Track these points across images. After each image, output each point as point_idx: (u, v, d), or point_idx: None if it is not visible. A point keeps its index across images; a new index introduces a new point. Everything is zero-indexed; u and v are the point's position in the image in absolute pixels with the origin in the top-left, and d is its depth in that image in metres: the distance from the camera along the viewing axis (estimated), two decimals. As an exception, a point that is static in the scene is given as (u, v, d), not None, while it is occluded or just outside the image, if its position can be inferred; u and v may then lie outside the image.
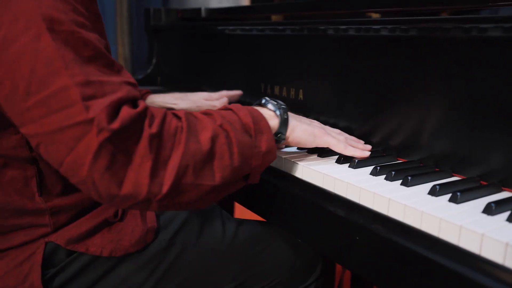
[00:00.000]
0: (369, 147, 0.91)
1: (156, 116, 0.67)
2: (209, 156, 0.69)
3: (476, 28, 0.77)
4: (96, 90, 0.62)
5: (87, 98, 0.61)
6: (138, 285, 0.84)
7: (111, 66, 0.67)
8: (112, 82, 0.65)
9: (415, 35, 0.87)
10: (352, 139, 0.93)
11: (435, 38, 0.84)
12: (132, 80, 0.69)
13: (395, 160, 0.90)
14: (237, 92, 1.34)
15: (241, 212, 1.77)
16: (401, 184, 0.75)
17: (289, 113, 0.84)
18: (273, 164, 0.92)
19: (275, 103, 0.83)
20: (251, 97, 1.30)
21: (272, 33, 1.25)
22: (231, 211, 1.92)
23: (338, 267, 1.56)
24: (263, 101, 0.85)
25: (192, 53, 1.67)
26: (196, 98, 1.26)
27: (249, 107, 0.79)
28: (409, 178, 0.75)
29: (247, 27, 1.35)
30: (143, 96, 1.24)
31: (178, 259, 0.87)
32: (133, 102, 0.66)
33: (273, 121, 0.81)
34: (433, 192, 0.71)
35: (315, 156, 0.92)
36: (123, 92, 0.64)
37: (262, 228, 0.99)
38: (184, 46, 1.72)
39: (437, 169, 0.83)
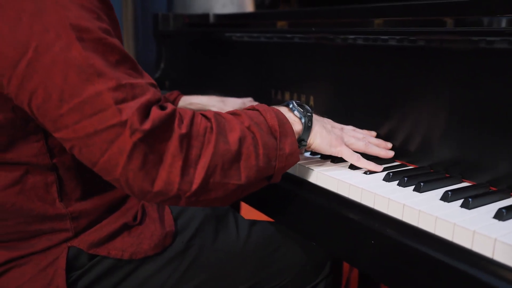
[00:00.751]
0: (391, 153, 0.94)
1: (185, 117, 0.70)
2: (237, 156, 0.73)
3: (483, 40, 0.80)
4: (127, 93, 0.66)
5: (119, 102, 0.65)
6: (158, 286, 0.86)
7: (136, 68, 0.71)
8: (140, 84, 0.68)
9: (423, 45, 0.90)
10: (375, 142, 0.95)
11: (443, 48, 0.87)
12: (153, 81, 0.73)
13: (405, 165, 0.93)
14: None
15: (247, 211, 1.79)
16: (414, 190, 0.78)
17: (314, 117, 0.87)
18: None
19: (302, 110, 0.86)
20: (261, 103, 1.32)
21: (280, 40, 1.28)
22: (237, 210, 1.95)
23: (345, 265, 1.59)
24: (291, 105, 0.87)
25: (200, 58, 1.69)
26: (233, 104, 1.26)
27: (275, 109, 0.83)
28: (422, 184, 0.78)
29: (254, 35, 1.37)
30: (176, 99, 1.25)
31: (195, 261, 0.90)
32: (159, 103, 0.69)
33: (297, 127, 0.84)
34: (445, 198, 0.73)
35: (328, 162, 0.94)
36: (151, 93, 0.68)
37: (274, 229, 1.02)
38: (192, 51, 1.74)
39: (447, 175, 0.85)
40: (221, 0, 2.82)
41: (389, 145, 0.96)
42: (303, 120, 0.85)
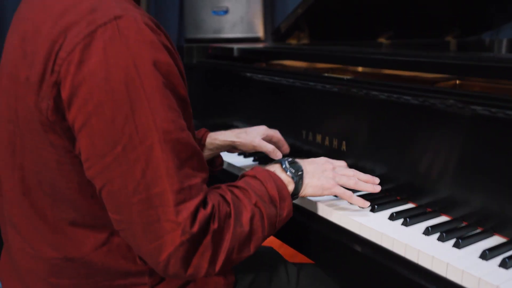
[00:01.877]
0: (378, 188, 1.04)
1: (215, 211, 0.81)
2: (249, 235, 0.85)
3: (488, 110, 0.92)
4: (185, 196, 0.77)
5: (178, 203, 0.76)
6: None
7: (200, 160, 0.82)
8: (197, 185, 0.79)
9: (442, 108, 1.00)
10: (364, 179, 1.06)
11: (463, 113, 0.96)
12: (207, 173, 0.84)
13: (438, 215, 1.02)
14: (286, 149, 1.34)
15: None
16: (453, 246, 0.88)
17: (305, 170, 0.99)
18: (330, 217, 1.04)
19: (293, 170, 0.98)
20: (292, 141, 1.41)
21: (302, 86, 1.37)
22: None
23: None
24: (284, 165, 0.99)
25: (225, 91, 1.77)
26: (253, 137, 1.28)
27: (273, 175, 0.95)
28: (460, 241, 0.87)
29: (276, 78, 1.47)
30: (203, 136, 1.31)
31: (253, 307, 1.00)
32: (205, 199, 0.81)
33: (290, 187, 0.97)
34: (484, 256, 0.83)
35: (367, 211, 1.04)
36: (203, 194, 0.80)
37: (318, 272, 1.12)
38: (216, 83, 1.82)
39: (479, 228, 0.95)
40: (231, 21, 2.91)
41: (377, 180, 1.06)
42: (295, 180, 0.98)
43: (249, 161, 1.45)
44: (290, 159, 1.01)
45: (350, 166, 1.22)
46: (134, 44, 0.75)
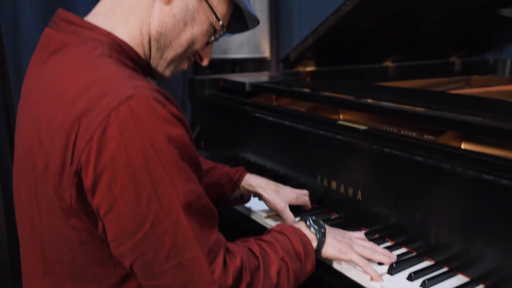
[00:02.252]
0: (394, 259, 1.07)
1: (245, 264, 0.87)
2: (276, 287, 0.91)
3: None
4: (213, 255, 0.83)
5: (211, 263, 0.82)
6: None
7: (214, 217, 0.87)
8: (217, 239, 0.85)
9: (454, 172, 1.03)
10: (380, 252, 1.08)
11: (476, 178, 0.98)
12: (217, 223, 0.89)
13: (455, 274, 1.05)
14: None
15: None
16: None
17: (327, 231, 1.05)
18: (348, 273, 1.07)
19: (317, 227, 1.04)
20: (305, 181, 1.44)
21: (313, 132, 1.39)
22: None
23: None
24: (308, 222, 1.05)
25: (235, 125, 1.78)
26: (280, 201, 1.29)
27: (298, 230, 1.01)
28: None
29: (287, 123, 1.50)
30: (240, 178, 1.31)
31: None
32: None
33: (314, 243, 1.03)
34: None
35: (385, 271, 1.06)
36: (223, 245, 0.87)
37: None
38: (227, 116, 1.84)
39: (496, 292, 0.98)
40: (238, 41, 2.93)
41: (394, 257, 1.08)
42: (318, 236, 1.03)
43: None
44: (314, 218, 1.07)
45: (364, 215, 1.25)
46: (148, 124, 0.77)
